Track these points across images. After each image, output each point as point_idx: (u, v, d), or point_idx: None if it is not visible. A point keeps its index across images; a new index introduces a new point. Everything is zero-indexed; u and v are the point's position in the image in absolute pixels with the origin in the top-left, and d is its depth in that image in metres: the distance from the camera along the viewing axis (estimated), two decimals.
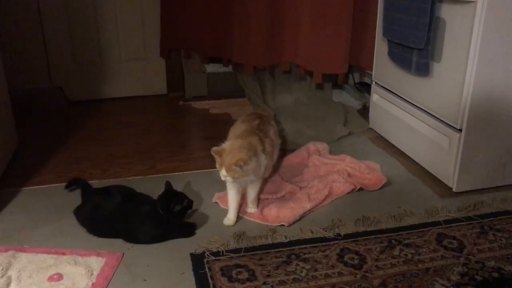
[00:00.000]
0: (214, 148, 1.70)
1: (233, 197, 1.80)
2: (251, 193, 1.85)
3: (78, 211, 1.81)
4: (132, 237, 1.70)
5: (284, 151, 2.40)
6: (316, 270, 1.55)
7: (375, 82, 2.59)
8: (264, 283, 1.49)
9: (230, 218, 1.80)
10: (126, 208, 1.73)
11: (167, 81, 3.31)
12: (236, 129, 1.92)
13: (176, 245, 1.69)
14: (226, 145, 1.73)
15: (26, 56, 2.98)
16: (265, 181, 1.98)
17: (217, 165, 1.70)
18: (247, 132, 1.86)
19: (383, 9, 2.32)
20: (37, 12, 2.93)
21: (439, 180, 2.08)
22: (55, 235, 1.74)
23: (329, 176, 2.07)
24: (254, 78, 3.07)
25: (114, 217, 1.72)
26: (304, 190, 2.00)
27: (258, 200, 1.90)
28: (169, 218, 1.69)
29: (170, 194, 1.74)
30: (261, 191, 1.93)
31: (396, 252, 1.64)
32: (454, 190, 2.01)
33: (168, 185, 1.76)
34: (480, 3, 1.75)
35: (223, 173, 1.67)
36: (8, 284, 1.48)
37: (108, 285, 1.50)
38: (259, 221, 1.82)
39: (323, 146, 2.39)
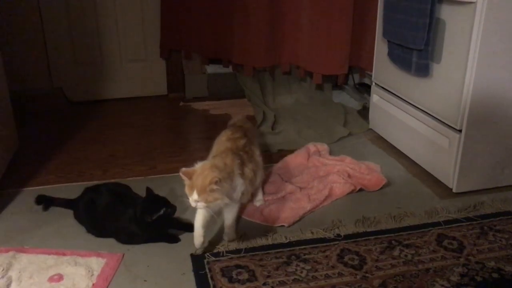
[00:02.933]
0: (184, 169, 1.52)
1: (198, 222, 1.60)
2: (229, 218, 1.69)
3: (75, 211, 1.82)
4: (119, 237, 1.71)
5: (284, 151, 2.41)
6: (316, 270, 1.55)
7: (375, 83, 2.60)
8: (264, 284, 1.49)
9: (195, 243, 1.61)
10: (114, 208, 1.72)
11: (168, 82, 3.31)
12: (220, 146, 1.73)
13: (176, 245, 1.69)
14: (198, 166, 1.55)
15: (27, 57, 2.98)
16: (243, 206, 1.85)
17: (186, 189, 1.52)
18: (231, 152, 1.67)
19: (383, 10, 2.32)
20: (37, 13, 2.94)
21: (439, 181, 2.09)
22: (56, 235, 1.75)
23: (329, 176, 2.07)
24: (254, 79, 3.07)
25: (104, 217, 1.72)
26: (304, 190, 2.00)
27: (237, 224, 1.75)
28: (150, 224, 1.65)
29: (149, 201, 1.68)
30: (239, 215, 1.79)
31: (396, 252, 1.64)
32: (454, 190, 2.01)
33: (148, 191, 1.71)
34: (479, 4, 1.75)
35: (193, 197, 1.49)
36: (9, 284, 1.48)
37: (108, 285, 1.50)
38: (259, 222, 1.83)
39: (323, 147, 2.39)
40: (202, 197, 1.48)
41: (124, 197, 1.80)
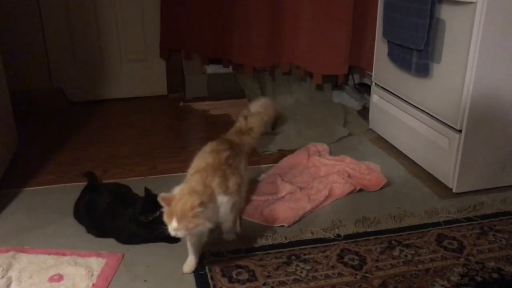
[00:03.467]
0: (163, 195, 1.41)
1: (191, 242, 1.55)
2: (226, 225, 1.63)
3: (75, 211, 1.82)
4: (119, 237, 1.70)
5: (284, 151, 2.41)
6: (316, 270, 1.55)
7: (375, 83, 2.60)
8: (264, 284, 1.49)
9: (188, 264, 1.57)
10: (114, 208, 1.72)
11: (167, 82, 3.31)
12: (201, 161, 1.60)
13: (176, 245, 1.68)
14: (177, 190, 1.46)
15: (27, 57, 2.98)
16: (239, 214, 1.74)
17: (165, 216, 1.40)
18: (212, 168, 1.55)
19: (383, 10, 2.32)
20: (37, 12, 2.94)
21: (439, 181, 2.09)
22: (56, 235, 1.75)
23: (329, 177, 2.07)
24: (254, 79, 3.07)
25: (104, 217, 1.72)
26: (304, 191, 2.00)
27: (241, 221, 1.69)
28: (149, 224, 1.64)
29: (146, 201, 1.66)
30: (238, 218, 1.73)
31: (396, 252, 1.64)
32: (454, 190, 2.01)
33: (146, 191, 1.70)
34: (480, 4, 1.75)
35: (173, 225, 1.38)
36: (9, 284, 1.48)
37: (108, 285, 1.50)
38: (259, 222, 1.82)
39: (323, 147, 2.39)
40: (182, 225, 1.37)
41: (124, 197, 1.80)
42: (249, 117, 1.91)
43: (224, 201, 1.52)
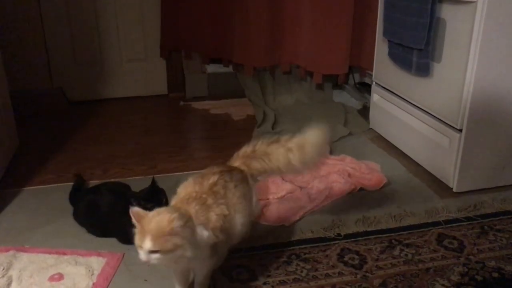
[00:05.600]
0: (135, 209, 1.20)
1: (176, 271, 1.40)
2: (199, 274, 1.38)
3: (74, 212, 1.82)
4: (123, 237, 1.69)
5: None
6: (316, 270, 1.55)
7: (375, 82, 2.60)
8: (265, 283, 1.49)
9: None
10: (116, 208, 1.71)
11: (168, 82, 3.31)
12: (181, 189, 1.41)
13: None
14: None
15: (27, 56, 2.98)
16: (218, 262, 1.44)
17: (137, 238, 1.17)
18: (192, 198, 1.33)
19: (383, 9, 2.32)
20: (38, 12, 2.94)
21: (440, 180, 2.08)
22: (56, 235, 1.75)
23: (329, 176, 2.07)
24: (254, 79, 3.07)
25: (106, 217, 1.71)
26: (304, 190, 2.00)
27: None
28: None
29: (149, 191, 1.65)
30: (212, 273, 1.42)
31: (396, 252, 1.64)
32: (454, 190, 2.01)
33: (152, 182, 1.68)
34: (480, 3, 1.75)
35: (146, 245, 1.13)
36: (9, 284, 1.48)
37: (108, 285, 1.50)
38: (259, 221, 1.82)
39: None
40: (158, 244, 1.13)
41: (125, 196, 1.79)
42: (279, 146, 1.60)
43: (203, 236, 1.25)
